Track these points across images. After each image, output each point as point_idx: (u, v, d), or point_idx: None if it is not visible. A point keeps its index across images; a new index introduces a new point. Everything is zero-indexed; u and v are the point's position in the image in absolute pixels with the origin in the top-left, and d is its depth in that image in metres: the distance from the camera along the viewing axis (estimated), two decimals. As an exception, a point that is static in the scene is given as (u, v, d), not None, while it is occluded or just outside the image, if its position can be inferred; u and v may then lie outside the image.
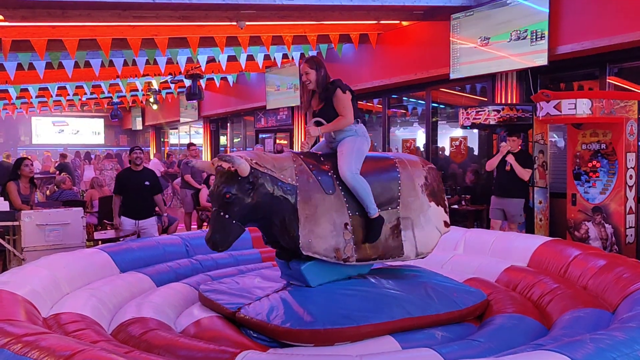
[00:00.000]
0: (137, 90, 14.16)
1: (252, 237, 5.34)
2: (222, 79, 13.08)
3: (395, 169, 3.92)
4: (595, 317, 3.26)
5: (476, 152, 8.40)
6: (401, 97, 9.84)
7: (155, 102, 15.62)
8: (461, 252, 5.02)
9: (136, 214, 6.26)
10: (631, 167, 5.47)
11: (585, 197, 5.69)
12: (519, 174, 6.02)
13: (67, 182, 8.81)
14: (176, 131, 19.33)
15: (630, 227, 5.46)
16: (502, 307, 3.64)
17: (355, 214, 3.64)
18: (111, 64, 9.19)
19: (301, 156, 3.71)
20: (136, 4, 6.11)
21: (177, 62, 9.42)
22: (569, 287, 3.78)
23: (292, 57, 10.23)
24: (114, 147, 23.15)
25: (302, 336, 3.13)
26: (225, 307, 3.54)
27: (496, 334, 3.23)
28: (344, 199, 3.63)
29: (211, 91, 14.39)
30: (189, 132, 17.93)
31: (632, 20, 5.67)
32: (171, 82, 12.29)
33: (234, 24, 7.22)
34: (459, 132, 8.69)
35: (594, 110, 5.37)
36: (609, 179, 5.51)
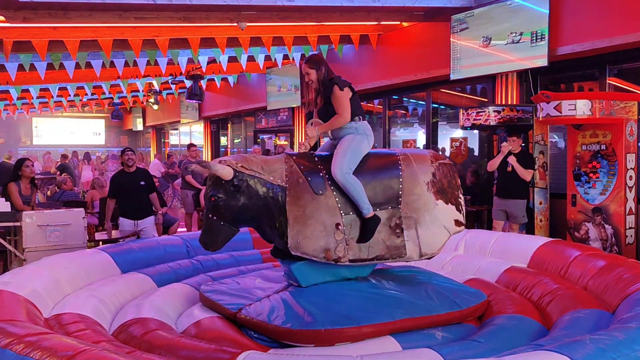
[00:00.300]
0: (137, 91, 14.19)
1: (252, 238, 5.34)
2: (222, 79, 13.10)
3: (397, 167, 3.83)
4: (595, 317, 3.27)
5: (476, 153, 8.40)
6: (401, 98, 9.85)
7: (155, 102, 15.62)
8: (461, 252, 5.03)
9: (135, 215, 6.27)
10: (631, 168, 5.48)
11: (585, 197, 5.70)
12: (520, 174, 6.02)
13: (68, 182, 8.81)
14: (176, 132, 19.34)
15: (630, 228, 5.47)
16: (502, 307, 3.65)
17: (349, 214, 3.60)
18: (112, 64, 9.23)
19: (294, 157, 3.72)
20: (137, 5, 6.13)
21: (178, 63, 9.43)
22: (569, 288, 3.79)
23: (293, 58, 10.24)
24: (115, 148, 23.15)
25: (302, 336, 3.13)
26: (226, 308, 3.54)
27: (496, 334, 3.24)
28: (335, 199, 3.59)
29: (212, 92, 14.41)
30: (191, 130, 17.90)
31: (633, 21, 5.68)
32: (172, 83, 12.30)
33: (235, 24, 7.24)
34: (459, 133, 8.70)
35: (593, 111, 5.38)
36: (609, 179, 5.52)
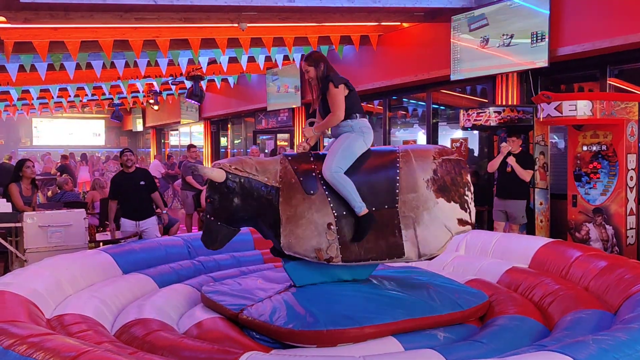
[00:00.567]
0: (138, 91, 14.19)
1: (253, 239, 5.34)
2: (222, 80, 13.11)
3: (395, 165, 3.73)
4: (597, 318, 3.27)
5: (476, 154, 8.40)
6: (402, 99, 9.85)
7: (156, 103, 15.63)
8: (462, 253, 5.03)
9: (137, 215, 6.25)
10: (632, 169, 5.48)
11: (585, 198, 5.70)
12: (519, 175, 6.03)
13: (69, 183, 8.81)
14: (176, 132, 19.34)
15: (631, 229, 5.47)
16: (503, 308, 3.65)
17: (342, 214, 3.57)
18: (112, 65, 9.22)
19: (289, 158, 3.72)
20: (138, 6, 6.13)
21: (179, 64, 9.43)
22: (571, 288, 3.79)
23: (293, 59, 10.24)
24: (115, 149, 23.15)
25: (305, 337, 3.13)
26: (227, 308, 3.55)
27: (498, 335, 3.24)
28: (327, 198, 3.57)
29: (212, 92, 14.41)
30: (191, 130, 17.89)
31: (633, 21, 5.68)
32: (172, 84, 12.30)
33: (235, 25, 7.24)
34: (459, 134, 8.71)
35: (594, 111, 5.38)
36: (609, 180, 5.52)
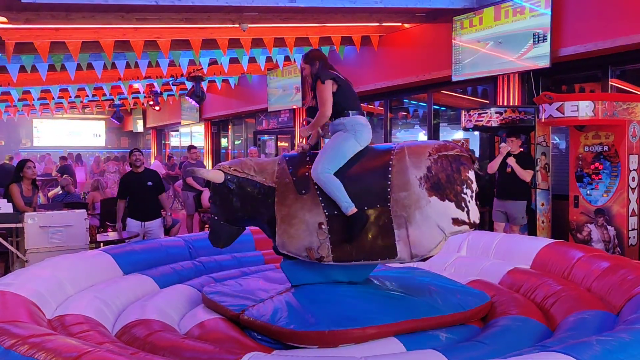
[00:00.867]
0: (138, 92, 14.19)
1: (254, 239, 5.34)
2: (223, 81, 13.11)
3: (388, 163, 3.61)
4: (599, 319, 3.26)
5: (477, 154, 8.39)
6: (403, 99, 9.85)
7: (156, 104, 15.63)
8: (464, 254, 5.02)
9: (143, 216, 6.24)
10: (634, 169, 5.47)
11: (587, 199, 5.69)
12: (519, 175, 6.02)
13: (71, 184, 8.82)
14: (177, 133, 19.34)
15: (632, 229, 5.46)
16: (506, 309, 3.64)
17: (334, 214, 3.54)
18: (113, 66, 9.22)
19: (287, 158, 3.75)
20: (139, 7, 6.13)
21: (179, 65, 9.43)
22: (573, 289, 3.78)
23: (294, 59, 10.24)
24: (115, 150, 23.16)
25: (306, 338, 3.13)
26: (229, 309, 3.54)
27: (501, 335, 3.23)
28: (319, 198, 3.56)
29: (213, 93, 14.41)
30: (191, 131, 17.88)
31: (635, 22, 5.67)
32: (173, 85, 12.31)
33: (237, 26, 7.24)
34: (460, 135, 8.69)
35: (596, 112, 5.37)
36: (611, 181, 5.51)
